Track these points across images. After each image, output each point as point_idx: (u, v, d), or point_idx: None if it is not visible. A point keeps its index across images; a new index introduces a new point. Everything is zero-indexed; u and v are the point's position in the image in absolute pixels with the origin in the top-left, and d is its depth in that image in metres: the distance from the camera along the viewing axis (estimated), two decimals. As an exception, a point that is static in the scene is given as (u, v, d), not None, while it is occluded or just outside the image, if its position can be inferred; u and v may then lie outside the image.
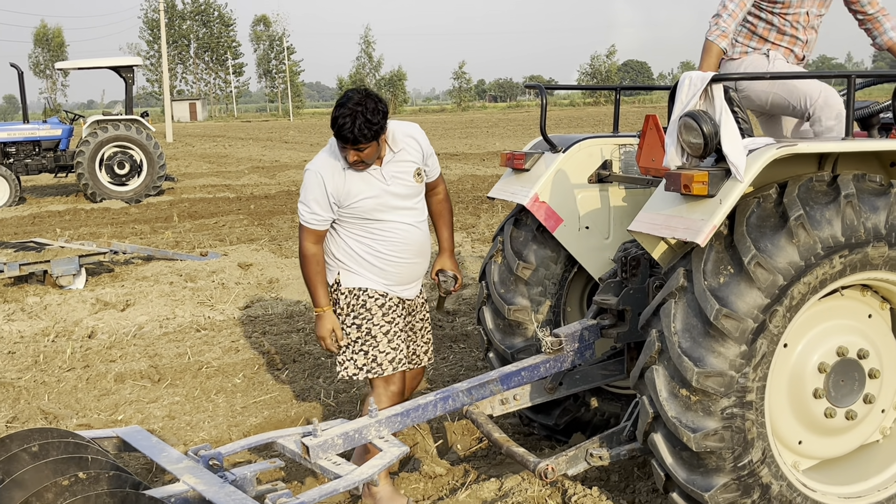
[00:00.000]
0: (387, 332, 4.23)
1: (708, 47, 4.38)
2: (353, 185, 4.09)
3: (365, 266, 4.21)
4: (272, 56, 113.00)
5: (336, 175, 4.08)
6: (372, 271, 4.21)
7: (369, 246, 4.19)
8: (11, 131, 17.93)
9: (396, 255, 4.20)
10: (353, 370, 4.24)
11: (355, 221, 4.16)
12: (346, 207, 4.11)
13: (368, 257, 4.20)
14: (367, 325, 4.21)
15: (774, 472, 3.39)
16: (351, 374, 4.25)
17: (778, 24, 4.53)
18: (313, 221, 4.13)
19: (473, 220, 13.59)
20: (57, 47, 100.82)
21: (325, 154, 4.16)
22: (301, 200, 4.16)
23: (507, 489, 4.12)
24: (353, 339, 4.23)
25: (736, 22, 4.40)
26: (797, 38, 4.54)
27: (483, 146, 31.36)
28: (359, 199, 4.09)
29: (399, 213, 4.19)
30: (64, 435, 3.91)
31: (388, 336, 4.23)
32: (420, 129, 4.38)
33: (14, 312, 8.22)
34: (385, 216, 4.15)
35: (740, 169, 3.23)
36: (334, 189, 4.08)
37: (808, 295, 3.31)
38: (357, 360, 4.23)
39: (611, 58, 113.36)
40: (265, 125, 67.89)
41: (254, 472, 3.70)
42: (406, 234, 4.20)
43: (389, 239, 4.18)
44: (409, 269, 4.26)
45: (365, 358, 4.22)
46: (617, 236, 4.66)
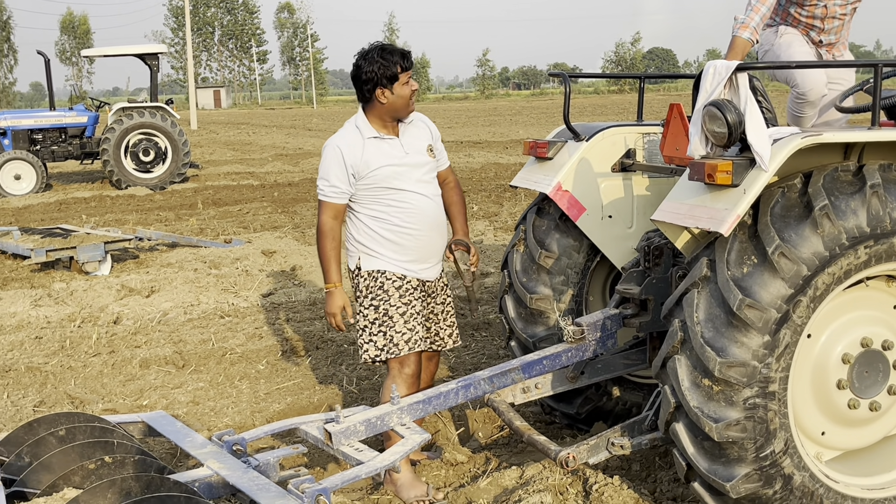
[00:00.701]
0: (403, 312, 4.29)
1: (732, 41, 4.46)
2: (372, 154, 4.21)
3: (384, 246, 4.28)
4: (296, 43, 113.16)
5: (354, 147, 4.21)
6: (391, 250, 4.28)
7: (387, 220, 4.26)
8: (38, 118, 18.11)
9: (413, 226, 4.28)
10: (373, 352, 4.30)
11: (374, 194, 4.24)
12: (364, 178, 4.21)
13: (387, 234, 4.27)
14: (384, 307, 4.27)
15: (797, 463, 3.37)
16: (373, 357, 4.30)
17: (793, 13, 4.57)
18: (332, 195, 4.23)
19: (496, 208, 13.58)
20: (83, 35, 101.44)
21: (342, 131, 4.32)
22: (320, 176, 4.26)
23: (528, 477, 4.13)
24: (370, 321, 4.29)
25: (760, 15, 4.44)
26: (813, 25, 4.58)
27: (506, 134, 31.28)
28: (378, 168, 4.20)
29: (415, 184, 4.29)
30: (90, 419, 3.97)
31: (405, 317, 4.29)
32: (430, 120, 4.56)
33: (41, 298, 8.31)
34: (402, 185, 4.25)
35: (765, 158, 3.21)
36: (353, 160, 4.19)
37: (832, 285, 3.29)
38: (377, 342, 4.29)
39: (635, 45, 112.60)
40: (289, 112, 68.09)
41: (277, 458, 3.75)
42: (422, 204, 4.30)
43: (406, 210, 4.26)
44: (426, 242, 4.33)
45: (384, 339, 4.28)
46: (640, 225, 4.65)
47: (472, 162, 21.18)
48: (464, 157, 22.51)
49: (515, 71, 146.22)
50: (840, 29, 4.73)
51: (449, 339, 4.59)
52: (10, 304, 8.08)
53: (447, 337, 4.58)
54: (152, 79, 18.53)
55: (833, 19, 4.61)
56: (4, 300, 8.18)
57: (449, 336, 4.59)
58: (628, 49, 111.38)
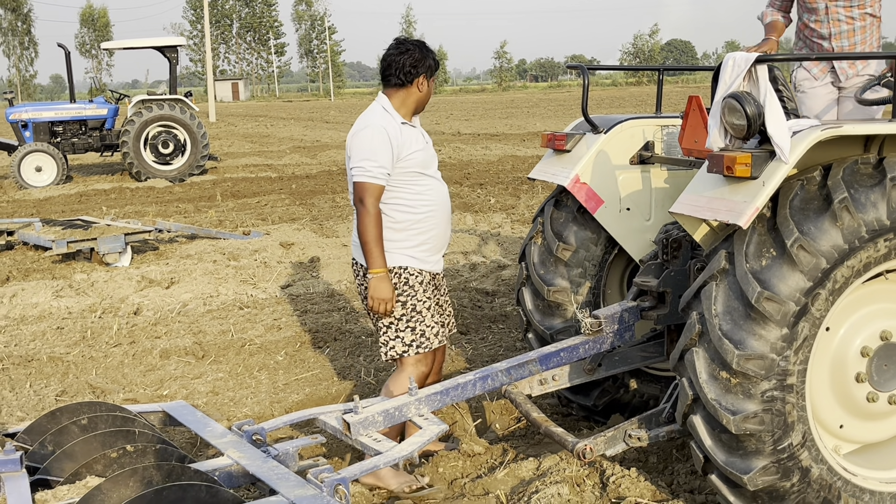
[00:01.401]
0: (429, 307, 4.35)
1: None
2: (408, 138, 4.28)
3: (406, 239, 4.29)
4: (313, 36, 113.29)
5: (395, 129, 4.23)
6: (411, 243, 4.30)
7: (413, 209, 4.28)
8: (59, 111, 18.23)
9: (436, 214, 4.35)
10: (401, 348, 4.32)
11: (404, 180, 4.25)
12: (402, 160, 4.23)
13: (411, 223, 4.28)
14: (412, 302, 4.29)
15: (815, 456, 3.37)
16: (400, 353, 4.32)
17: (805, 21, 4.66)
18: (380, 175, 4.16)
19: (513, 200, 13.57)
20: (102, 27, 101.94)
21: (377, 115, 4.29)
22: (365, 158, 4.16)
23: (545, 469, 4.15)
24: (397, 318, 4.30)
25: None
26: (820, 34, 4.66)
27: (524, 126, 31.22)
28: (414, 151, 4.27)
29: (436, 171, 4.45)
30: (112, 409, 4.02)
31: (431, 311, 4.36)
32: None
33: (62, 289, 8.39)
34: (429, 171, 4.36)
35: (785, 151, 3.21)
36: (396, 141, 4.20)
37: (851, 278, 3.28)
38: (405, 338, 4.31)
39: (654, 37, 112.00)
40: (306, 105, 68.22)
41: (296, 448, 3.78)
42: (442, 192, 4.43)
43: (430, 197, 4.34)
44: (444, 229, 4.44)
45: (413, 334, 4.30)
46: (658, 218, 4.64)
47: (489, 154, 21.16)
48: (481, 149, 22.49)
49: (533, 63, 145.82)
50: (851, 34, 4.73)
51: (453, 328, 4.73)
52: (32, 294, 8.16)
53: (451, 326, 4.70)
54: (171, 71, 18.61)
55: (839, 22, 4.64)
56: (26, 291, 8.26)
57: (452, 325, 4.72)
58: (647, 41, 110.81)
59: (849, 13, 4.79)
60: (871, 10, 4.90)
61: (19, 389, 5.78)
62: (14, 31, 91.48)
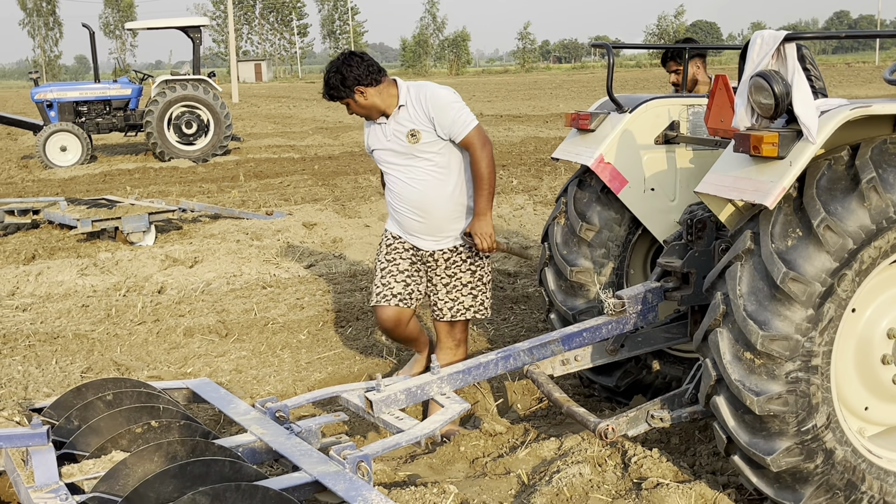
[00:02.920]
0: (383, 268, 4.76)
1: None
2: (370, 135, 4.72)
3: (390, 211, 4.77)
4: (336, 17, 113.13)
5: (367, 126, 4.75)
6: (392, 215, 4.78)
7: (387, 192, 4.76)
8: (83, 90, 18.33)
9: (397, 204, 4.67)
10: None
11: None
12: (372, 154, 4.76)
13: (389, 201, 4.75)
14: (377, 258, 4.83)
15: (839, 438, 3.35)
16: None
17: None
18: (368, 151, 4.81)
19: (536, 182, 13.53)
20: (126, 8, 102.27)
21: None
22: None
23: (566, 448, 4.15)
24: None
25: None
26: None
27: (546, 108, 31.08)
28: (371, 150, 4.73)
29: (393, 168, 4.63)
30: (136, 385, 4.06)
31: (383, 272, 4.75)
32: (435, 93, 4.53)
33: (87, 267, 8.46)
34: (386, 167, 4.68)
35: (812, 130, 3.17)
36: (366, 136, 4.77)
37: (878, 259, 3.25)
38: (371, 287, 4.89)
39: (679, 18, 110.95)
40: (329, 86, 68.03)
41: (318, 425, 3.80)
42: (400, 188, 4.62)
43: (392, 189, 4.69)
44: (408, 220, 4.66)
45: (373, 285, 4.83)
46: (683, 198, 4.61)
47: (511, 136, 21.09)
48: (504, 130, 22.42)
49: (556, 44, 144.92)
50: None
51: (447, 311, 4.67)
52: (58, 272, 8.23)
53: (445, 308, 4.68)
54: (195, 52, 18.65)
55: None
56: (52, 269, 8.34)
57: (449, 308, 4.67)
58: (671, 22, 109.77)
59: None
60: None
61: (45, 366, 5.84)
62: (39, 11, 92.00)
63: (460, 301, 4.67)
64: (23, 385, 5.46)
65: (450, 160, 4.54)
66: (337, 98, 4.51)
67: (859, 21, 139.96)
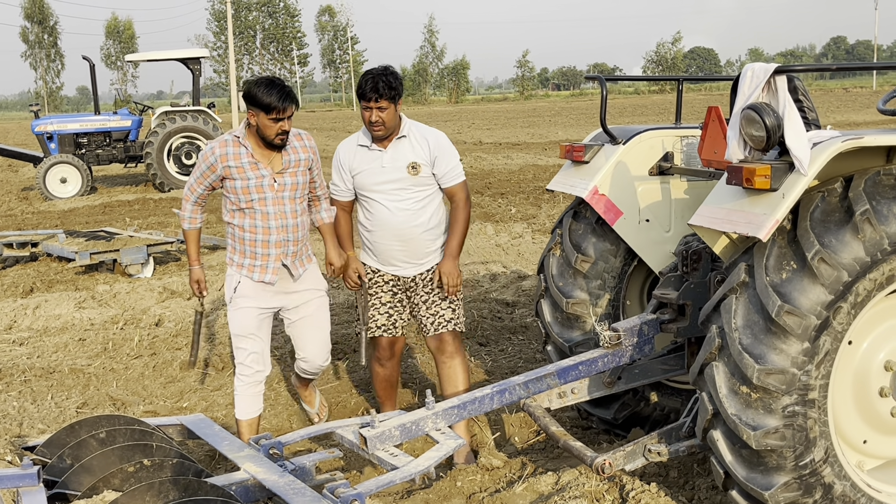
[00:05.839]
0: (371, 304, 4.86)
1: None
2: (357, 160, 4.72)
3: (366, 243, 4.85)
4: (336, 46, 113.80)
5: (349, 150, 4.76)
6: (367, 249, 4.87)
7: (363, 223, 4.82)
8: (83, 122, 18.43)
9: (377, 232, 4.74)
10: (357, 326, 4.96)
11: (360, 196, 4.80)
12: (352, 179, 4.76)
13: (364, 234, 4.83)
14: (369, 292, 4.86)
15: (837, 472, 3.32)
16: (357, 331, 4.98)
17: None
18: (334, 191, 4.87)
19: (534, 210, 13.53)
20: (128, 39, 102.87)
21: (349, 137, 4.85)
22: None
23: (563, 483, 4.11)
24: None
25: None
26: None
27: (545, 135, 31.17)
28: (358, 173, 4.72)
29: (382, 196, 4.68)
30: (130, 422, 4.03)
31: (371, 308, 4.86)
32: (442, 138, 4.80)
33: (85, 300, 8.44)
34: (371, 195, 4.71)
35: (804, 162, 3.17)
36: (346, 161, 4.76)
37: (873, 291, 3.23)
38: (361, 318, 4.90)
39: (676, 45, 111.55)
40: (329, 115, 68.52)
41: (313, 462, 3.77)
42: (385, 215, 4.69)
43: (373, 217, 4.74)
44: (389, 250, 4.74)
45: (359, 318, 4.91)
46: (678, 230, 4.60)
47: (510, 164, 21.13)
48: (502, 158, 22.46)
49: (555, 72, 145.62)
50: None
51: (431, 326, 4.84)
52: (56, 306, 8.21)
53: (428, 324, 4.84)
54: (194, 83, 18.75)
55: None
56: (50, 302, 8.32)
57: (431, 323, 4.83)
58: (669, 49, 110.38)
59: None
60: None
61: (40, 401, 5.81)
62: (41, 43, 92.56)
63: (440, 315, 4.81)
64: (17, 421, 5.43)
65: (432, 193, 4.76)
66: (383, 95, 4.52)
67: (856, 46, 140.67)
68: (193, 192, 4.71)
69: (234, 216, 4.66)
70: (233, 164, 4.54)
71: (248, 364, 4.76)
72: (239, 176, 4.55)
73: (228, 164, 4.53)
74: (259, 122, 4.47)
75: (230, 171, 4.54)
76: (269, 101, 4.40)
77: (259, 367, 4.79)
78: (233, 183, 4.56)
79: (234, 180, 4.56)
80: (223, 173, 4.56)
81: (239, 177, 4.55)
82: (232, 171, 4.54)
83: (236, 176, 4.55)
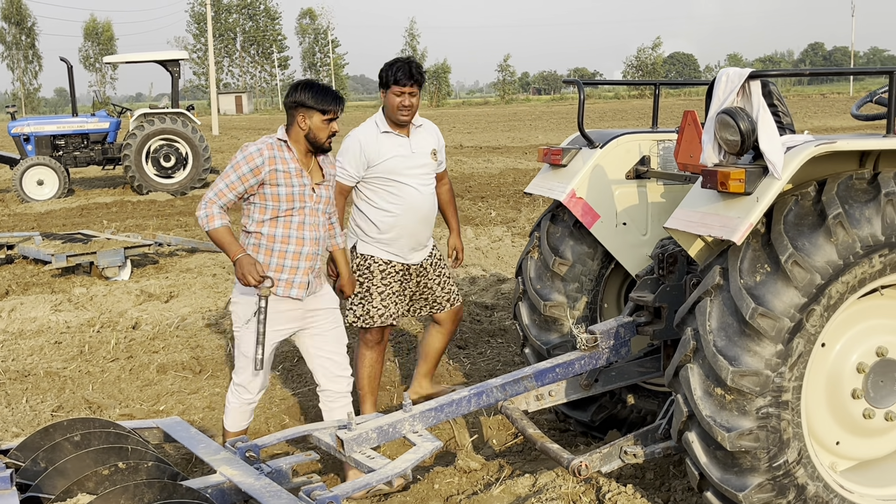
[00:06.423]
0: (381, 292, 5.05)
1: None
2: (385, 147, 4.93)
3: (376, 233, 5.00)
4: (317, 49, 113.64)
5: (371, 137, 4.94)
6: (381, 237, 5.00)
7: (384, 209, 4.96)
8: (61, 124, 18.29)
9: (405, 216, 4.96)
10: (351, 318, 5.09)
11: (379, 183, 4.94)
12: (375, 167, 4.91)
13: (381, 221, 4.97)
14: (367, 284, 5.04)
15: (811, 473, 3.35)
16: (350, 322, 5.08)
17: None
18: (343, 175, 4.95)
19: (514, 213, 13.56)
20: (106, 41, 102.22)
21: (363, 126, 5.03)
22: (338, 160, 4.89)
23: (541, 485, 4.12)
24: (355, 293, 5.03)
25: None
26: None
27: (526, 139, 31.25)
28: (388, 159, 4.91)
29: (413, 180, 4.98)
30: (105, 425, 3.99)
31: (382, 296, 5.05)
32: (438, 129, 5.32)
33: (61, 303, 8.38)
34: (403, 178, 4.94)
35: (778, 166, 3.20)
36: (368, 149, 4.90)
37: (846, 294, 3.27)
38: (356, 311, 5.07)
39: (656, 50, 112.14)
40: (309, 118, 68.15)
41: (289, 465, 3.75)
42: (417, 198, 4.99)
43: (402, 201, 4.95)
44: (411, 232, 5.02)
45: (362, 310, 5.06)
46: (654, 233, 4.63)
47: (490, 167, 21.17)
48: (483, 162, 22.50)
49: (536, 76, 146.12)
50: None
51: (447, 303, 5.33)
52: (31, 308, 8.15)
53: (444, 301, 5.32)
54: (173, 85, 18.66)
55: None
56: (25, 305, 8.26)
57: (447, 300, 5.32)
58: (649, 53, 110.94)
59: None
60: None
61: (15, 405, 5.76)
62: (18, 44, 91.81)
63: (451, 290, 5.36)
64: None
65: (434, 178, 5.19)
66: (416, 80, 4.88)
67: (834, 52, 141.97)
68: (222, 197, 4.27)
69: (265, 225, 4.32)
70: (280, 169, 4.25)
71: (249, 389, 4.52)
72: (285, 182, 4.26)
73: (276, 167, 4.24)
74: (312, 125, 4.25)
75: (276, 176, 4.24)
76: (326, 103, 4.24)
77: (260, 390, 4.57)
78: (275, 189, 4.25)
79: (277, 186, 4.25)
80: (267, 177, 4.24)
81: (284, 182, 4.25)
82: (278, 176, 4.24)
83: (282, 181, 4.25)
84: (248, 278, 4.19)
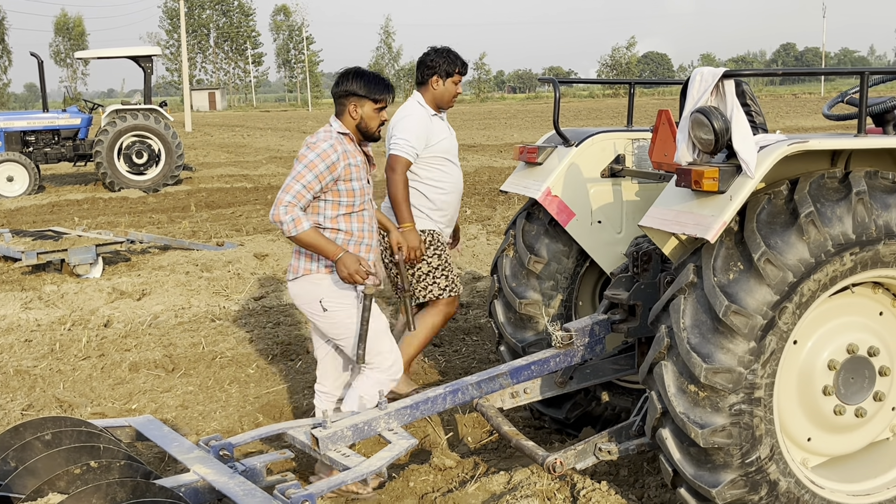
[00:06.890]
0: (448, 265, 5.36)
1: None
2: (438, 127, 5.30)
3: (433, 210, 5.29)
4: (291, 46, 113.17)
5: (426, 119, 5.26)
6: (437, 214, 5.31)
7: (439, 187, 5.28)
8: (31, 120, 18.08)
9: (454, 193, 5.37)
10: (437, 291, 5.29)
11: (433, 161, 5.25)
12: (431, 146, 5.22)
13: (437, 198, 5.27)
14: (445, 255, 5.33)
15: (783, 469, 3.38)
16: (436, 295, 5.28)
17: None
18: (411, 153, 5.12)
19: (489, 212, 13.58)
20: (78, 36, 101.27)
21: (414, 107, 5.30)
22: (402, 137, 5.12)
23: (516, 482, 4.13)
24: (433, 267, 5.27)
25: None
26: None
27: (501, 137, 31.30)
28: (442, 139, 5.28)
29: (456, 158, 5.43)
30: (77, 424, 3.95)
31: (450, 269, 5.37)
32: None
33: (31, 301, 8.29)
34: (451, 157, 5.36)
35: (751, 165, 3.22)
36: (428, 129, 5.22)
37: (818, 292, 3.30)
38: (440, 283, 5.29)
39: (631, 49, 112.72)
40: (284, 115, 68.03)
41: (263, 463, 3.74)
42: (460, 176, 5.43)
43: (452, 179, 5.35)
44: (456, 206, 5.46)
45: (446, 280, 5.31)
46: (629, 231, 4.65)
47: (466, 165, 21.17)
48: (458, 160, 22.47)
49: (511, 74, 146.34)
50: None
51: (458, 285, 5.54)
52: (1, 306, 8.05)
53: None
54: (146, 81, 18.50)
55: None
56: (-5, 303, 8.15)
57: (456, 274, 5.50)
58: (624, 53, 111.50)
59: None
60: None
61: (-15, 403, 5.69)
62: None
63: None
64: (-40, 424, 5.31)
65: None
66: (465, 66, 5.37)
67: (805, 53, 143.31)
68: (301, 199, 4.07)
69: (340, 221, 4.19)
70: (352, 163, 4.13)
71: (322, 382, 4.66)
72: (356, 175, 4.14)
73: (349, 161, 4.11)
74: (364, 114, 4.17)
75: (350, 171, 4.11)
76: (378, 91, 4.17)
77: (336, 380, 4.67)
78: (348, 185, 4.13)
79: (349, 181, 4.12)
80: (342, 173, 4.10)
81: (356, 176, 4.14)
82: (351, 171, 4.12)
83: (353, 176, 4.13)
84: (356, 277, 4.05)
